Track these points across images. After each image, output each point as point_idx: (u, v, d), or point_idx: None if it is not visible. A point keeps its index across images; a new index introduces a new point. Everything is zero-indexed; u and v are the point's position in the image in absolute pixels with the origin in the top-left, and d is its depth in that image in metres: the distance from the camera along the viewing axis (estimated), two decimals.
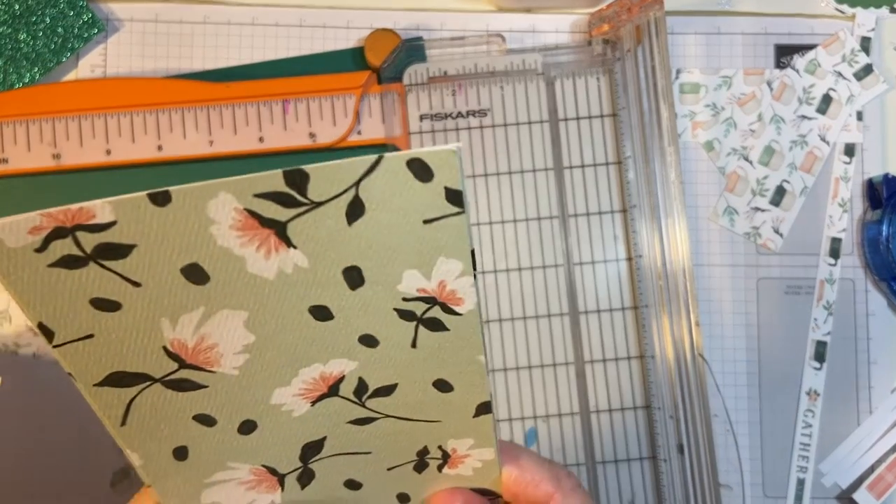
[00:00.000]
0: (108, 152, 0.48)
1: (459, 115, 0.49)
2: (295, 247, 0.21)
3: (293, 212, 0.20)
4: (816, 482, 0.48)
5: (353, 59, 0.50)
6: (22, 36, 0.48)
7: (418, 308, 0.23)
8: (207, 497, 0.27)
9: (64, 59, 0.49)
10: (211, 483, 0.26)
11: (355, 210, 0.20)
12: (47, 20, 0.48)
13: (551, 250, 0.48)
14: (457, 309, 0.23)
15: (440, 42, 0.48)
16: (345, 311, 0.23)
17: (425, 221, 0.21)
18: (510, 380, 0.48)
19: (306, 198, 0.20)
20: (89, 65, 0.50)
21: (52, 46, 0.49)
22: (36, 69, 0.48)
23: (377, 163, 0.20)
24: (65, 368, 0.22)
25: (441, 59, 0.48)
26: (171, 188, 0.19)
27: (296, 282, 0.22)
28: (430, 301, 0.23)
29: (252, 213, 0.20)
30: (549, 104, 0.49)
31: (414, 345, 0.24)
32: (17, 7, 0.48)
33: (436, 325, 0.24)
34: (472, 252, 0.22)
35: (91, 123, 0.48)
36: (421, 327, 0.24)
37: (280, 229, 0.21)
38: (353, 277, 0.22)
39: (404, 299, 0.23)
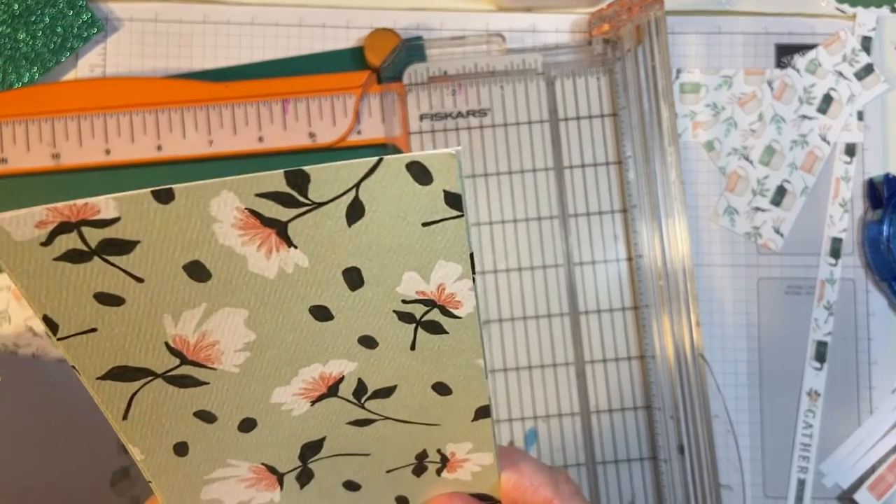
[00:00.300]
0: (108, 152, 0.48)
1: (459, 114, 0.48)
2: (296, 246, 0.21)
3: (294, 212, 0.21)
4: (817, 482, 0.48)
5: (353, 58, 0.49)
6: (21, 35, 0.48)
7: (417, 310, 0.23)
8: (207, 494, 0.27)
9: (63, 59, 0.49)
10: (211, 479, 0.26)
11: (355, 211, 0.21)
12: (46, 20, 0.48)
13: (551, 250, 0.48)
14: (456, 312, 0.23)
15: (440, 42, 0.48)
16: (344, 312, 0.23)
17: (424, 224, 0.21)
18: (510, 380, 0.48)
19: (307, 198, 0.20)
20: (89, 64, 0.49)
21: (52, 46, 0.48)
22: (35, 69, 0.48)
23: (377, 165, 0.20)
24: (69, 361, 0.22)
25: (441, 58, 0.48)
26: (174, 186, 0.20)
27: (296, 281, 0.22)
28: (429, 304, 0.23)
29: (253, 213, 0.20)
30: (549, 104, 0.49)
31: (413, 347, 0.24)
32: (16, 6, 0.48)
33: (435, 328, 0.24)
34: (472, 255, 0.22)
35: (90, 123, 0.48)
36: (420, 330, 0.24)
37: (281, 229, 0.21)
38: (353, 278, 0.22)
39: (403, 301, 0.23)
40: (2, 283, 0.48)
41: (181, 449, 0.25)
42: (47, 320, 0.21)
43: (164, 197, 0.20)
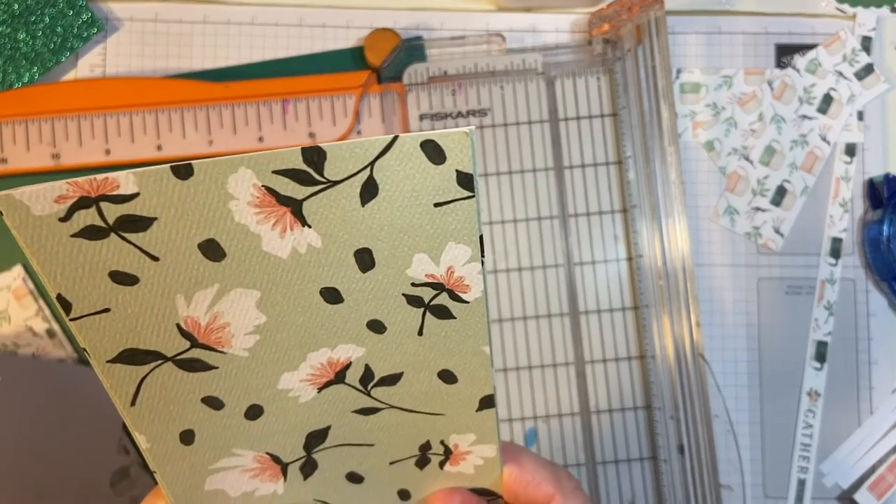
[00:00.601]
0: (108, 152, 0.48)
1: (459, 114, 0.49)
2: (310, 226, 0.21)
3: (309, 190, 0.21)
4: (817, 483, 0.48)
5: (353, 58, 0.49)
6: (21, 35, 0.48)
7: (426, 294, 0.23)
8: (211, 484, 0.27)
9: (63, 59, 0.49)
10: (215, 470, 0.26)
11: (369, 190, 0.21)
12: (46, 20, 0.48)
13: (551, 250, 0.48)
14: (464, 296, 0.23)
15: (440, 42, 0.48)
16: (354, 295, 0.23)
17: (436, 205, 0.21)
18: (510, 380, 0.48)
19: (323, 176, 0.20)
20: (89, 64, 0.49)
21: (52, 46, 0.48)
22: (35, 69, 0.48)
23: (392, 143, 0.20)
24: (80, 343, 0.22)
25: (441, 58, 0.48)
26: (193, 161, 0.20)
27: (308, 262, 0.22)
28: (438, 287, 0.23)
29: (270, 190, 0.20)
30: (550, 104, 0.49)
31: (420, 332, 0.24)
32: (16, 6, 0.48)
33: (443, 313, 0.24)
34: (481, 238, 0.22)
35: (90, 123, 0.48)
36: (428, 314, 0.24)
37: (296, 207, 0.21)
38: (365, 260, 0.22)
39: (413, 284, 0.23)
40: (2, 283, 0.48)
41: (187, 437, 0.25)
42: (61, 299, 0.21)
43: (184, 173, 0.20)
